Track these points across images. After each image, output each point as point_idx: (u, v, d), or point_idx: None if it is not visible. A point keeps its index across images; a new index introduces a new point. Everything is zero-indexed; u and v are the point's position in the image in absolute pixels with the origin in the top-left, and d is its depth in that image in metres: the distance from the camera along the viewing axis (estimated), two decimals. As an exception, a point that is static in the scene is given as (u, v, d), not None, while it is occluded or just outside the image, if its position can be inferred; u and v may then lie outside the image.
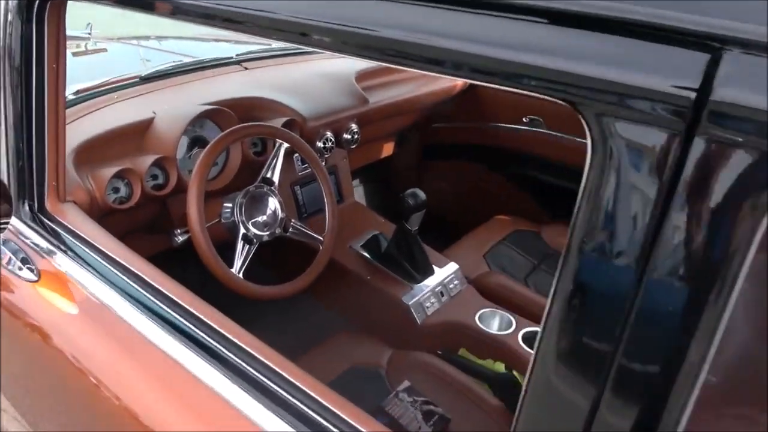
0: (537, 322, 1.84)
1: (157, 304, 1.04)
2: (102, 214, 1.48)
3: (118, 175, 1.49)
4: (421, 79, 2.44)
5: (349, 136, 2.05)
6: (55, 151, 1.27)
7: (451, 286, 1.94)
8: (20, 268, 1.19)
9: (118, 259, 1.13)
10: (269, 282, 1.57)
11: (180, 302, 1.04)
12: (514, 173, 2.59)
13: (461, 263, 2.05)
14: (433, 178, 2.83)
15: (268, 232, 1.57)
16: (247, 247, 1.52)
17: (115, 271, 1.11)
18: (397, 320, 1.85)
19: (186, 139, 1.69)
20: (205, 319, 0.99)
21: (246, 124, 1.55)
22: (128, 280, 1.08)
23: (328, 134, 1.98)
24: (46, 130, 1.24)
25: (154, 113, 1.66)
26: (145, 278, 1.08)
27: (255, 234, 1.54)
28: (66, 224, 1.25)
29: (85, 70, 2.54)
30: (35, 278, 1.16)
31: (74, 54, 2.94)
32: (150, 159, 1.53)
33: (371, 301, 1.91)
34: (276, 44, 2.38)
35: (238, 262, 1.49)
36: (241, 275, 1.48)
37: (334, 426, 0.81)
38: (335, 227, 1.69)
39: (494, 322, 1.84)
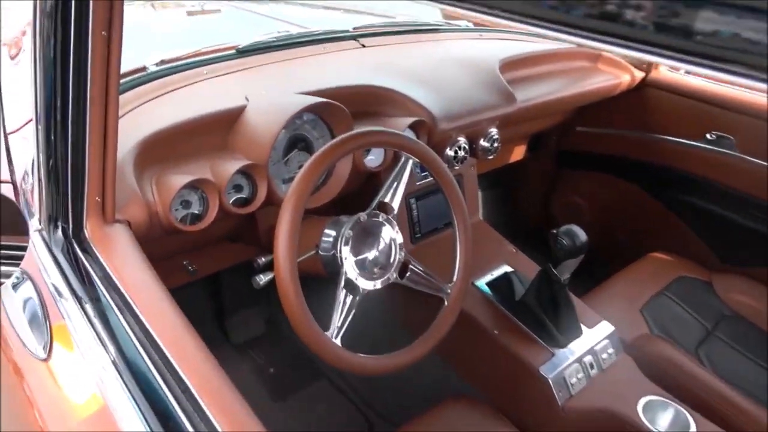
0: (720, 424, 1.31)
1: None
2: (162, 234, 1.08)
3: (191, 185, 1.08)
4: (573, 74, 1.88)
5: (487, 144, 1.54)
6: (101, 153, 0.87)
7: (604, 355, 1.43)
8: (24, 342, 0.79)
9: (163, 346, 0.71)
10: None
11: None
12: (680, 200, 2.00)
13: (613, 319, 1.52)
14: (568, 191, 2.29)
15: (380, 279, 1.11)
16: (349, 298, 1.07)
17: (151, 366, 0.69)
18: (531, 397, 1.36)
19: (283, 138, 1.25)
20: None
21: (365, 130, 1.08)
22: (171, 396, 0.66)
23: (462, 140, 1.48)
24: (88, 125, 0.83)
25: (247, 100, 1.22)
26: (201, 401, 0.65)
27: (362, 281, 1.09)
28: (104, 262, 0.85)
29: (190, 33, 2.17)
30: (43, 355, 0.76)
31: (189, 13, 2.60)
32: (234, 166, 1.10)
33: (498, 363, 1.43)
34: (401, 17, 1.90)
35: (335, 321, 1.05)
36: (339, 341, 1.04)
37: None
38: (467, 278, 1.21)
39: (664, 417, 1.32)
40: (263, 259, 1.18)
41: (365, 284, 1.10)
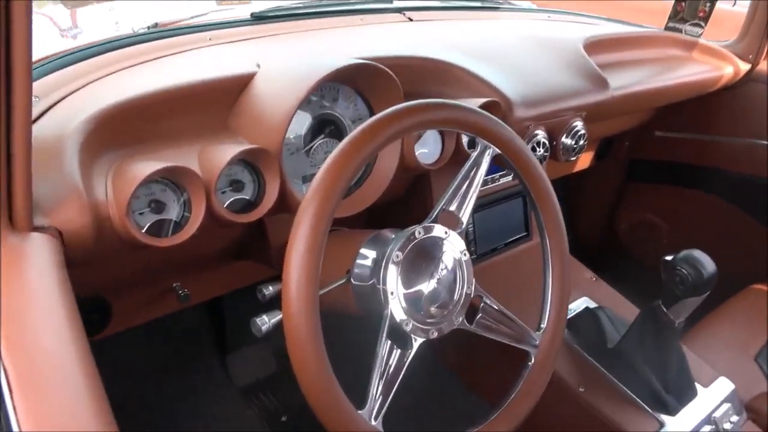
0: None
1: None
2: (127, 249, 0.70)
3: (165, 179, 0.70)
4: (667, 63, 1.48)
5: (570, 141, 1.14)
6: (2, 125, 0.50)
7: (727, 424, 1.02)
8: None
9: None
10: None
11: None
12: (788, 221, 1.57)
13: (728, 372, 1.12)
14: (640, 208, 1.87)
15: (440, 324, 0.72)
16: (396, 355, 0.68)
17: None
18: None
19: (306, 118, 0.87)
20: None
21: (428, 102, 0.69)
22: None
23: (541, 134, 1.09)
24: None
25: (258, 66, 0.85)
26: None
27: (415, 326, 0.70)
28: None
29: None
30: None
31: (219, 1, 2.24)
32: (231, 151, 0.73)
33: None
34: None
35: (374, 392, 0.66)
36: (380, 425, 0.65)
37: None
38: (562, 325, 0.81)
39: None
40: (271, 289, 0.80)
41: (419, 332, 0.71)
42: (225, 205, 0.76)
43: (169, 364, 1.31)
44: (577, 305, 1.18)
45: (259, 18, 1.14)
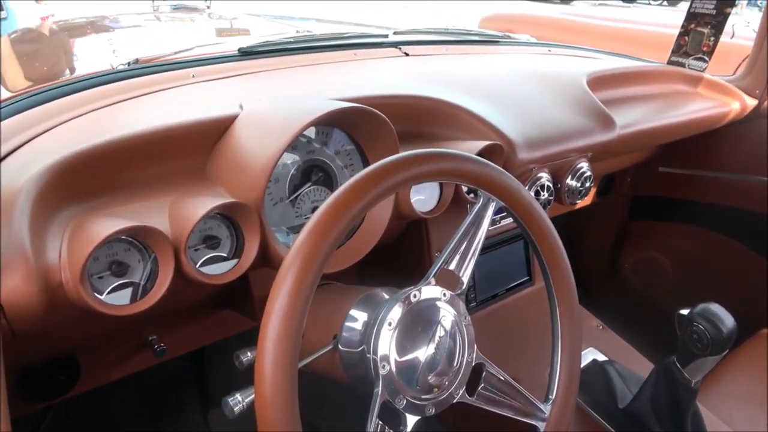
0: None
1: None
2: (78, 316, 0.62)
3: (132, 237, 0.62)
4: (672, 98, 1.42)
5: (575, 183, 1.06)
6: None
7: None
8: None
9: None
10: None
11: None
12: (800, 262, 1.49)
13: (741, 428, 1.04)
14: (643, 246, 1.79)
15: (437, 398, 0.64)
16: (389, 436, 0.60)
17: None
18: None
19: (292, 164, 0.79)
20: None
21: (420, 153, 0.61)
22: None
23: (545, 177, 1.01)
24: None
25: (241, 108, 0.78)
26: None
27: (410, 402, 0.61)
28: None
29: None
30: None
31: (220, 33, 2.18)
32: (205, 205, 0.65)
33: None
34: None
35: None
36: None
37: None
38: (573, 394, 0.73)
39: None
40: (249, 355, 0.71)
41: (414, 409, 0.62)
42: (197, 265, 0.68)
43: (148, 417, 1.22)
44: (584, 356, 1.10)
45: (246, 53, 1.07)
